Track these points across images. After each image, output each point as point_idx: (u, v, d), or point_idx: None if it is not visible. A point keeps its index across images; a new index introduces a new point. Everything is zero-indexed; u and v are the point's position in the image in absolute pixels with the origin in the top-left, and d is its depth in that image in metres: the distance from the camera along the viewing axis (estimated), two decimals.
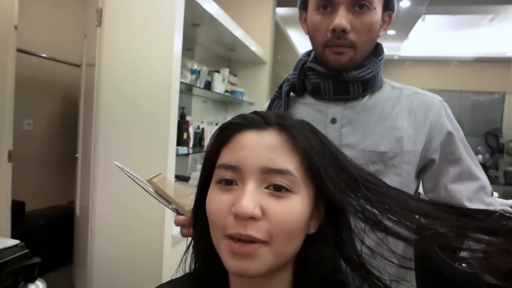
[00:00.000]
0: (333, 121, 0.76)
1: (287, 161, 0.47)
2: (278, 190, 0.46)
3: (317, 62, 0.78)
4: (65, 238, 2.38)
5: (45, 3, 2.68)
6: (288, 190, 0.46)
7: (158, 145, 1.65)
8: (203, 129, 2.60)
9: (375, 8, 0.71)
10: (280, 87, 0.84)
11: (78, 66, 2.47)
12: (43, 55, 2.49)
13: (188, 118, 2.25)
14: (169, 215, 1.68)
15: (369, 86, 0.76)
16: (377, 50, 0.79)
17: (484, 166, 5.78)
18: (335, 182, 0.50)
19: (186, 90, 2.42)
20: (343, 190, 0.49)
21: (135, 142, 1.69)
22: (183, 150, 2.01)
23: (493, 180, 5.51)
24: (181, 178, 2.68)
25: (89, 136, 1.84)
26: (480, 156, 5.97)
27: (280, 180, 0.46)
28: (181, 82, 1.80)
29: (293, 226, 0.46)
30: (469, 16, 4.51)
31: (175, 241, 1.73)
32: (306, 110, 0.79)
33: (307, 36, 0.79)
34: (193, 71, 2.25)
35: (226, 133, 0.50)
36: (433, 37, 5.40)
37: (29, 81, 2.55)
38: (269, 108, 0.83)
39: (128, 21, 1.70)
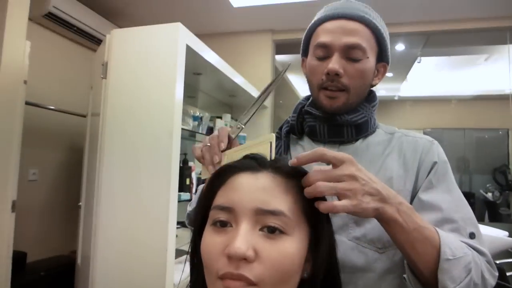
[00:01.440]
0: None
1: (281, 202, 0.47)
2: (272, 232, 0.46)
3: (314, 106, 0.83)
4: None
5: (55, 58, 2.82)
6: (282, 232, 0.47)
7: (160, 192, 1.66)
8: None
9: (368, 57, 0.76)
10: (281, 128, 0.89)
11: (84, 116, 2.55)
12: (51, 107, 2.58)
13: (190, 163, 2.27)
14: (171, 265, 1.65)
15: (362, 130, 0.80)
16: (371, 97, 0.83)
17: (495, 204, 5.64)
18: (329, 222, 0.51)
19: (189, 136, 2.46)
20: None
21: (137, 188, 1.70)
22: (185, 196, 2.01)
23: (505, 218, 5.36)
24: (184, 224, 2.65)
25: (92, 184, 1.86)
26: (490, 194, 5.85)
27: (273, 222, 0.46)
28: (183, 129, 1.84)
29: (286, 269, 0.46)
30: (465, 56, 4.63)
31: None
32: (304, 151, 0.81)
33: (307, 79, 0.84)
34: (195, 118, 2.31)
35: (222, 176, 0.52)
36: (431, 77, 5.51)
37: (36, 131, 2.62)
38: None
39: (131, 73, 1.77)
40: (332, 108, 0.77)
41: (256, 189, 0.48)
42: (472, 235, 0.66)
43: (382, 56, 0.81)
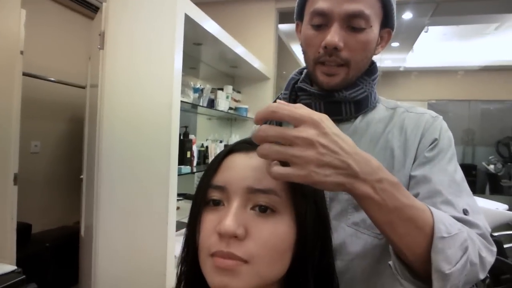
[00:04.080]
0: None
1: (273, 181, 0.46)
2: (263, 211, 0.46)
3: (308, 81, 0.77)
4: (71, 259, 2.39)
5: (51, 28, 2.75)
6: (273, 211, 0.47)
7: (160, 165, 1.66)
8: (207, 147, 2.61)
9: (371, 26, 0.67)
10: None
11: (83, 87, 2.52)
12: (51, 78, 2.54)
13: (191, 136, 2.25)
14: (172, 237, 1.67)
15: (362, 106, 0.73)
16: (371, 69, 0.75)
17: (497, 176, 5.67)
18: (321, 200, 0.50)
19: (191, 108, 2.44)
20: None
21: (137, 161, 1.70)
22: (186, 169, 2.01)
23: (506, 190, 5.40)
24: (187, 196, 2.68)
25: (93, 157, 1.86)
26: (492, 166, 5.86)
27: (265, 201, 0.46)
28: (183, 102, 1.81)
29: (277, 247, 0.46)
30: (474, 25, 4.50)
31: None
32: None
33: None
34: (195, 90, 2.27)
35: (219, 157, 0.52)
36: (438, 47, 5.39)
37: (36, 103, 2.60)
38: None
39: (129, 43, 1.73)
40: (330, 85, 0.70)
41: (248, 168, 0.48)
42: (465, 212, 0.60)
43: (386, 22, 0.72)
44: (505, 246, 2.07)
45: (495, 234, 2.62)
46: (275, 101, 0.81)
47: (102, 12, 1.79)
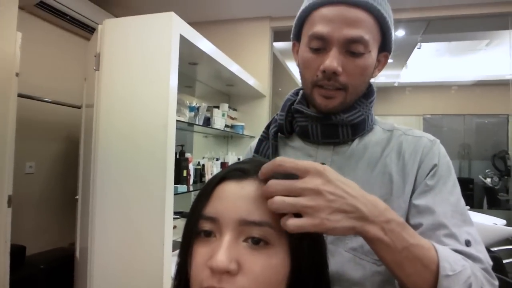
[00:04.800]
0: None
1: (266, 212, 0.45)
2: (256, 243, 0.45)
3: (305, 102, 0.76)
4: (66, 281, 2.34)
5: (47, 49, 2.77)
6: (266, 243, 0.45)
7: (156, 184, 1.65)
8: (203, 165, 2.60)
9: (370, 51, 0.66)
10: (268, 127, 0.81)
11: (79, 107, 2.52)
12: (46, 99, 2.55)
13: (187, 155, 2.25)
14: (168, 257, 1.64)
15: (359, 129, 0.73)
16: (368, 91, 0.75)
17: (494, 190, 5.66)
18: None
19: (187, 126, 2.44)
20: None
21: (132, 181, 1.68)
22: (182, 188, 2.00)
23: (503, 204, 5.38)
24: (184, 214, 2.66)
25: (88, 177, 1.84)
26: (488, 180, 5.86)
27: (258, 233, 0.45)
28: (179, 121, 1.81)
29: (270, 281, 0.45)
30: (466, 42, 4.58)
31: None
32: (295, 153, 0.76)
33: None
34: (191, 108, 2.28)
35: (209, 185, 0.50)
36: (431, 63, 5.46)
37: (31, 123, 2.60)
38: (257, 149, 0.80)
39: (125, 64, 1.74)
40: (328, 108, 0.69)
41: (240, 199, 0.46)
42: (468, 243, 0.60)
43: (384, 46, 0.72)
44: (504, 261, 2.05)
45: (494, 249, 2.61)
46: (271, 121, 0.82)
47: (98, 33, 1.80)
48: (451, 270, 0.50)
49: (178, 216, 2.51)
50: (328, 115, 0.71)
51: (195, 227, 0.48)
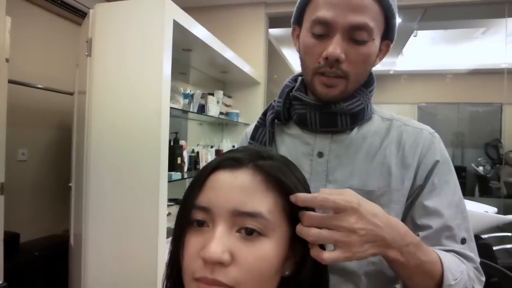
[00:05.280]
0: (320, 155, 0.71)
1: (260, 203, 0.45)
2: (249, 234, 0.45)
3: (303, 89, 0.75)
4: (61, 268, 2.35)
5: (38, 34, 2.71)
6: (260, 234, 0.45)
7: (150, 171, 1.64)
8: (198, 153, 2.59)
9: (374, 39, 0.65)
10: (265, 114, 0.80)
11: (71, 94, 2.49)
12: (38, 85, 2.51)
13: (182, 142, 2.24)
14: (162, 244, 1.65)
15: (358, 118, 0.72)
16: (368, 80, 0.73)
17: (486, 178, 5.73)
18: None
19: (182, 113, 2.43)
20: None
21: (126, 168, 1.68)
22: (176, 175, 1.99)
23: (495, 192, 5.46)
24: (179, 201, 2.66)
25: (81, 164, 1.83)
26: (481, 168, 5.93)
27: (251, 224, 0.45)
28: (172, 108, 1.80)
29: (263, 273, 0.44)
30: (462, 29, 4.56)
31: None
32: (293, 141, 0.75)
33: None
34: (185, 96, 2.26)
35: (202, 174, 0.50)
36: (426, 51, 5.45)
37: (23, 110, 2.56)
38: (253, 135, 0.79)
39: (117, 50, 1.71)
40: (328, 97, 0.68)
41: (234, 189, 0.46)
42: (463, 241, 0.66)
43: (387, 34, 0.71)
44: (494, 248, 2.09)
45: (485, 236, 2.65)
46: (268, 107, 0.81)
47: (90, 18, 1.77)
48: (453, 279, 0.56)
49: (172, 203, 2.51)
50: (327, 104, 0.70)
51: (188, 217, 0.48)
